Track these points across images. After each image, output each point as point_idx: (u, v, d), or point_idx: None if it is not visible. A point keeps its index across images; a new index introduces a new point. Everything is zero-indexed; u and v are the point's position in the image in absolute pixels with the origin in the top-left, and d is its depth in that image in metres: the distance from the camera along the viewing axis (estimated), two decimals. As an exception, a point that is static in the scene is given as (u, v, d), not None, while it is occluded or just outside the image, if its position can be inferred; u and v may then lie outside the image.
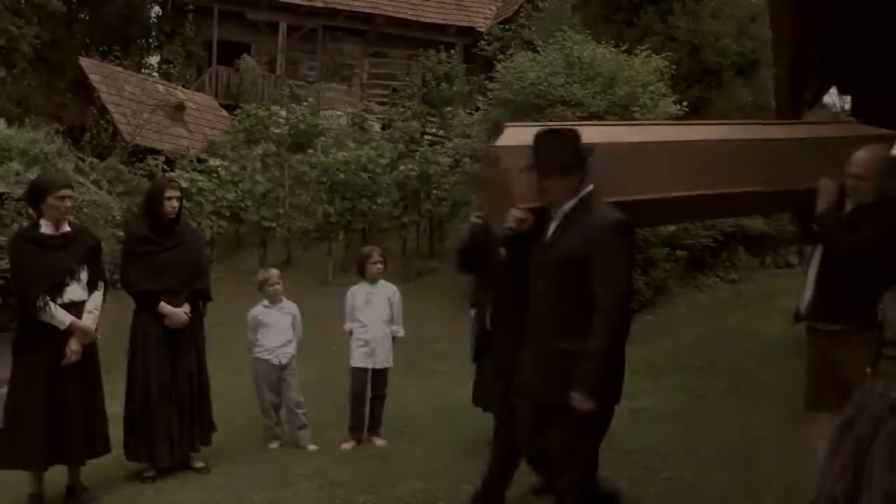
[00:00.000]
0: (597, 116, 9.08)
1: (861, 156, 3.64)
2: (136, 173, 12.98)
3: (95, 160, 12.47)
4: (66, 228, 4.64)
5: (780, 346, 6.75)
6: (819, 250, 3.87)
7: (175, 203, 5.08)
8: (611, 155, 3.42)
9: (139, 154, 14.24)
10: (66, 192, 4.60)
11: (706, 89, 11.21)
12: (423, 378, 7.72)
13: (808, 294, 3.89)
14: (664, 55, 10.30)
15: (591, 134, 3.43)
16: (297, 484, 4.78)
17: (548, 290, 3.22)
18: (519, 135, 3.45)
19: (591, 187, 3.25)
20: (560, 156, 3.18)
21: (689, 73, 11.18)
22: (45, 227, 4.56)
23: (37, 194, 4.59)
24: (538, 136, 3.24)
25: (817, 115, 7.46)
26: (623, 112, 9.26)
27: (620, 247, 3.10)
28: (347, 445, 5.55)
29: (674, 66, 10.43)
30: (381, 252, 5.83)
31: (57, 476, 4.70)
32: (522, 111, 9.75)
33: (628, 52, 10.20)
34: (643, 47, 10.33)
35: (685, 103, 10.09)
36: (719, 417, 5.70)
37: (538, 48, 10.99)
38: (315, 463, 5.18)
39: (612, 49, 10.12)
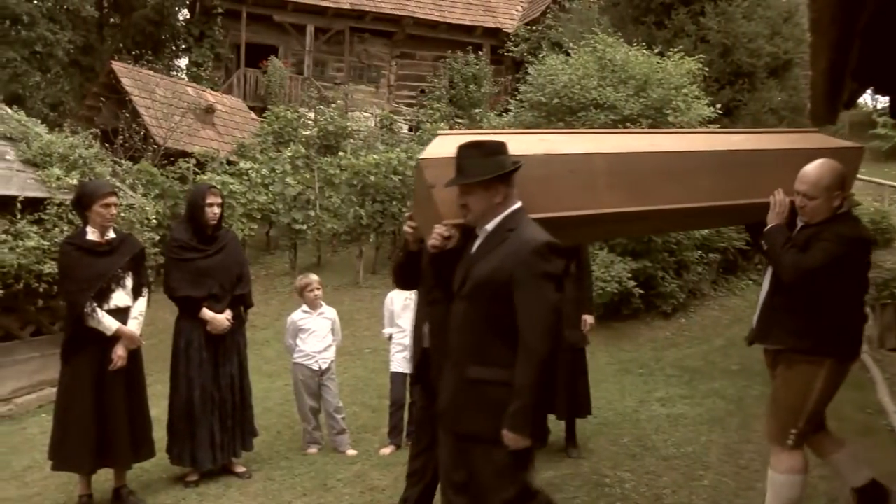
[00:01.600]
0: (630, 120, 9.05)
1: (808, 172, 3.40)
2: (167, 176, 13.13)
3: (128, 163, 12.63)
4: (112, 235, 4.73)
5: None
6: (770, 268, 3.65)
7: (216, 209, 5.13)
8: (545, 167, 3.19)
9: (170, 157, 14.41)
10: (112, 199, 4.69)
11: (739, 91, 11.06)
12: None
13: (756, 314, 3.72)
14: (696, 57, 10.19)
15: (523, 144, 3.22)
16: (337, 489, 4.82)
17: (465, 312, 2.98)
18: (447, 145, 3.13)
19: (518, 205, 3.00)
20: (481, 169, 2.92)
21: (721, 75, 11.04)
22: (91, 234, 4.65)
23: (83, 202, 4.67)
24: (460, 148, 2.97)
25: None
26: (656, 115, 9.19)
27: (544, 271, 2.82)
28: (386, 450, 5.57)
29: (706, 68, 10.32)
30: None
31: (104, 479, 4.80)
32: (555, 114, 9.72)
33: (660, 54, 10.11)
34: (675, 49, 10.23)
35: (718, 105, 9.98)
36: (756, 423, 5.66)
37: (569, 50, 10.93)
38: (354, 468, 5.22)
39: (645, 51, 10.03)
